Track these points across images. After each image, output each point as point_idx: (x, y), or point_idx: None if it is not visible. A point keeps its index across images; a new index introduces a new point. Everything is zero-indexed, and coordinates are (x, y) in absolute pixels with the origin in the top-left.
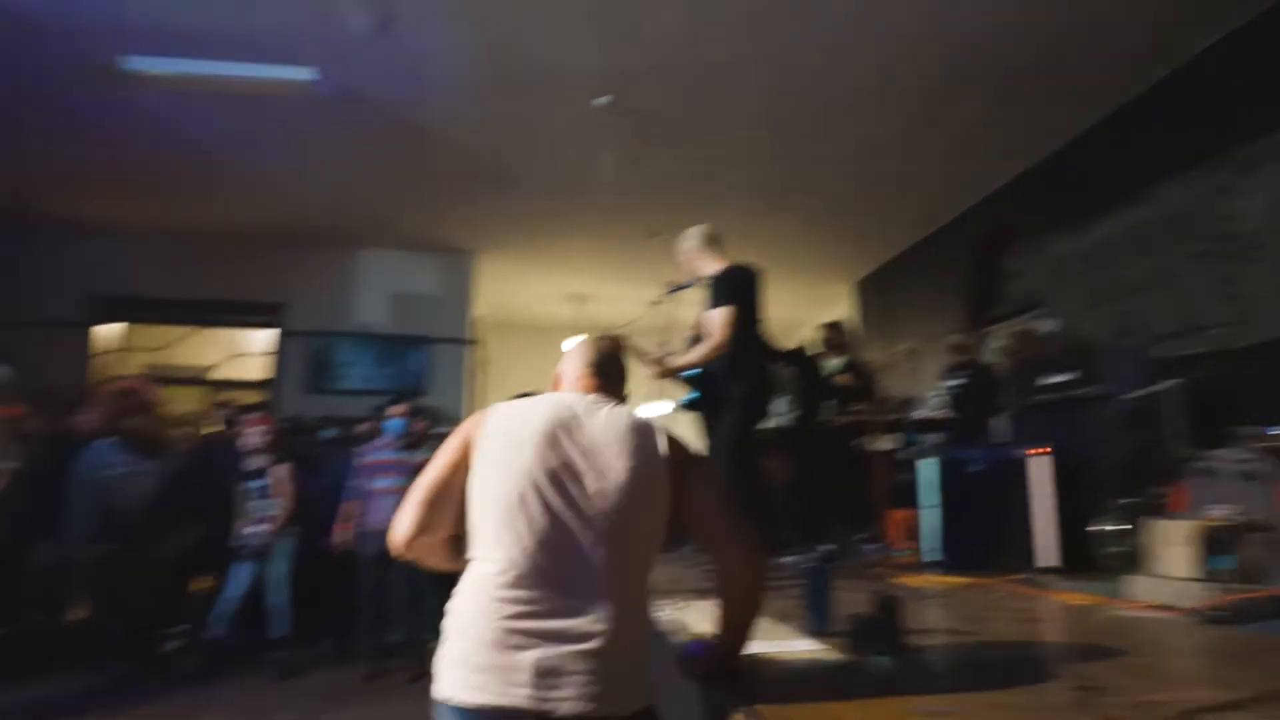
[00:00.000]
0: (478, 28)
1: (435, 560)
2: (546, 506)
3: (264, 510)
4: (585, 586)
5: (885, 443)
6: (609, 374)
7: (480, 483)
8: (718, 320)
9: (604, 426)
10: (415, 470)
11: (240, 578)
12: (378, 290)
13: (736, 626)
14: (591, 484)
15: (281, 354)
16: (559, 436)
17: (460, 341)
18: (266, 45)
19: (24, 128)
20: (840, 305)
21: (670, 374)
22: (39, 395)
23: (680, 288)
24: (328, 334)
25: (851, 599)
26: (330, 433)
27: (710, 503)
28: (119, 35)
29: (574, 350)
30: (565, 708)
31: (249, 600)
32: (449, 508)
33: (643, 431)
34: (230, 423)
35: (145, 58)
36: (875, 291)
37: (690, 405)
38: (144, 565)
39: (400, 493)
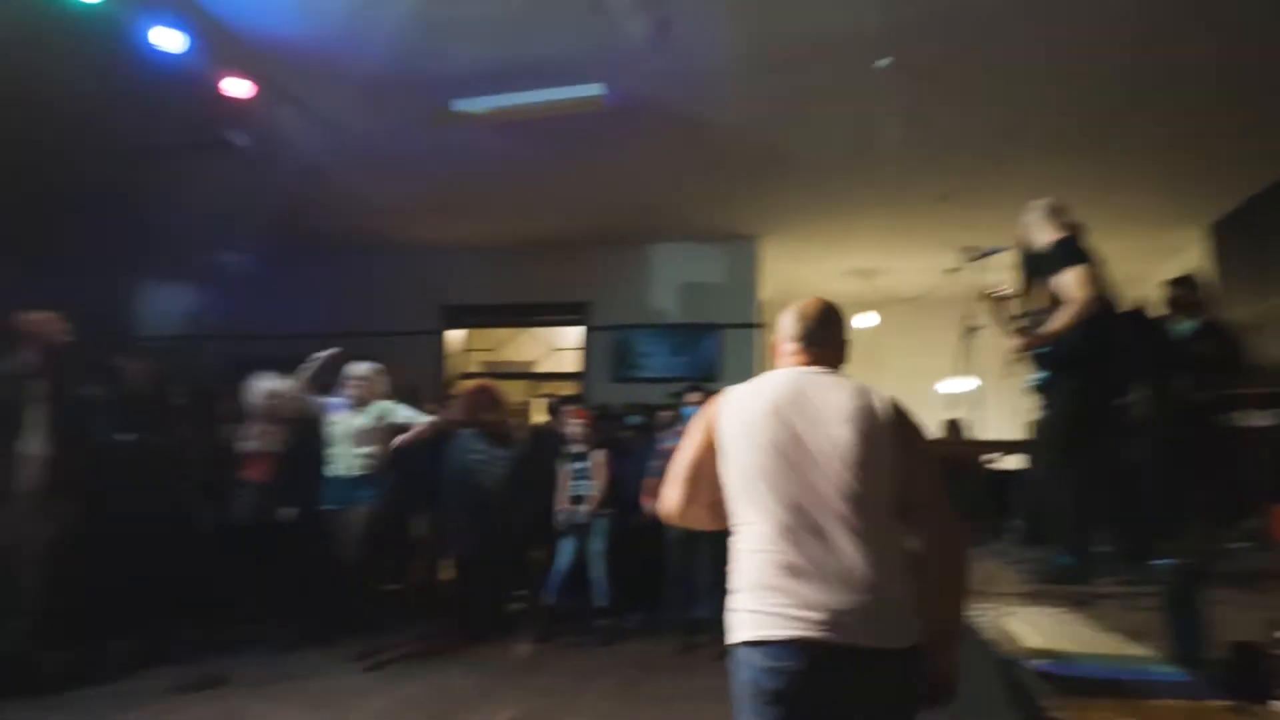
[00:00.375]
0: (750, 11)
1: (704, 524)
2: (786, 478)
3: (583, 491)
4: (836, 542)
5: (1263, 421)
6: (822, 341)
7: (727, 462)
8: (1074, 281)
9: (824, 397)
10: None
11: (565, 551)
12: (670, 282)
13: (944, 615)
14: (821, 452)
15: (589, 347)
16: (785, 413)
17: (748, 326)
18: (560, 70)
19: (383, 167)
20: (1188, 255)
21: (1033, 346)
22: (408, 393)
23: (986, 254)
24: (628, 326)
25: (1229, 619)
26: (635, 420)
27: (921, 470)
28: (447, 83)
29: (784, 322)
30: (841, 638)
31: (573, 571)
32: (705, 481)
33: (864, 397)
34: (553, 412)
35: (468, 99)
36: (1237, 234)
37: (1042, 386)
38: (499, 538)
39: None
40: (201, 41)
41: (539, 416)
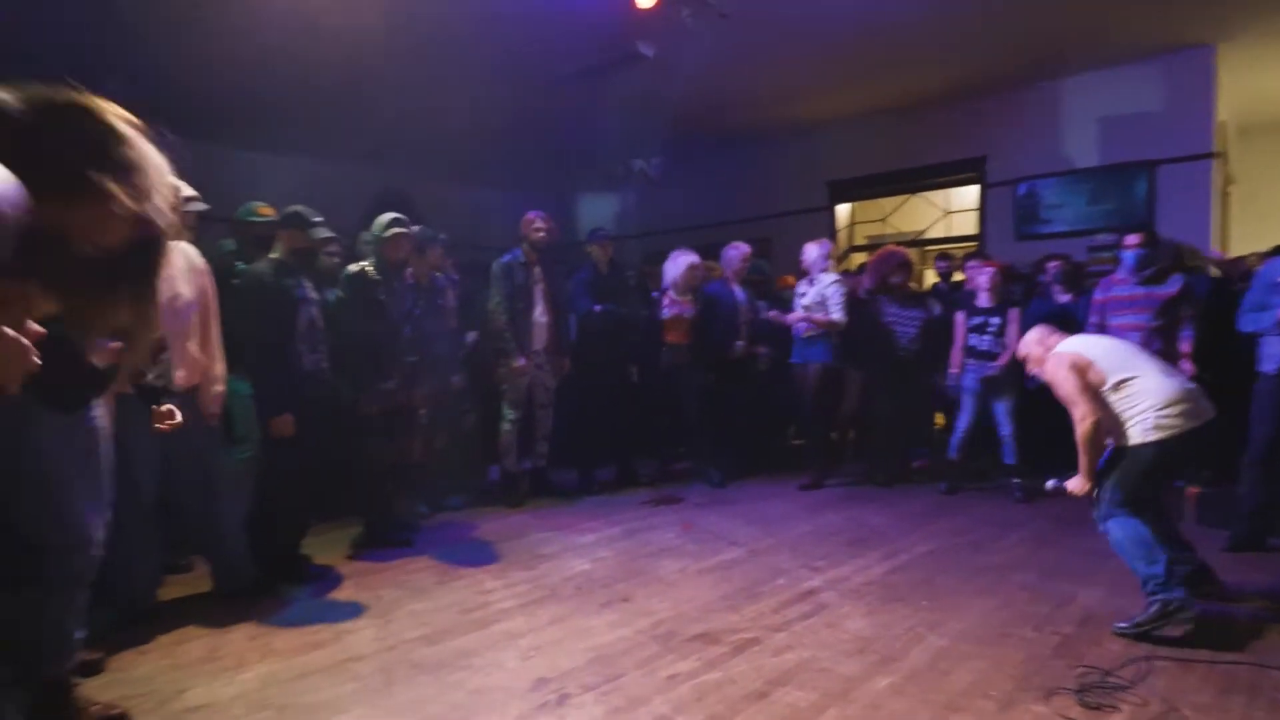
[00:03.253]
0: None
1: None
2: None
3: (987, 348)
4: None
5: None
6: None
7: None
8: None
9: None
10: (1161, 305)
11: (968, 411)
12: (1085, 120)
13: None
14: None
15: (986, 206)
16: None
17: (1198, 157)
18: None
19: (771, 51)
20: None
21: None
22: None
23: None
24: (1032, 178)
25: None
26: (1046, 277)
27: None
28: None
29: None
30: None
31: (975, 429)
32: None
33: None
34: (946, 275)
35: None
36: None
37: None
38: (906, 395)
39: (1144, 329)
40: None
41: (931, 283)
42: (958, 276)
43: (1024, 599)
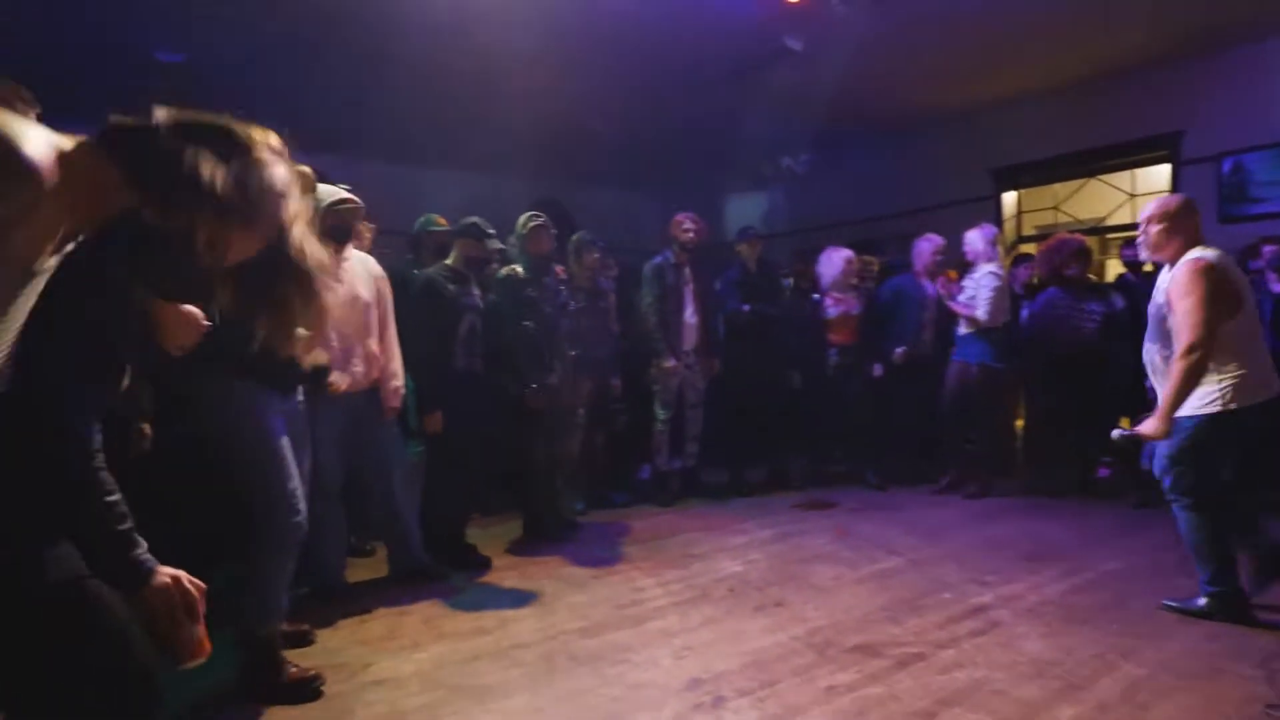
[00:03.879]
0: None
1: None
2: None
3: None
4: None
5: None
6: None
7: None
8: None
9: None
10: None
11: None
12: None
13: None
14: None
15: (1181, 186)
16: None
17: None
18: None
19: (912, 38)
20: None
21: None
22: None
23: None
24: (1238, 152)
25: None
26: (1260, 262)
27: None
28: None
29: None
30: None
31: None
32: None
33: None
34: (1133, 265)
35: None
36: None
37: None
38: (1086, 397)
39: None
40: None
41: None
42: (1148, 266)
43: (1239, 630)
